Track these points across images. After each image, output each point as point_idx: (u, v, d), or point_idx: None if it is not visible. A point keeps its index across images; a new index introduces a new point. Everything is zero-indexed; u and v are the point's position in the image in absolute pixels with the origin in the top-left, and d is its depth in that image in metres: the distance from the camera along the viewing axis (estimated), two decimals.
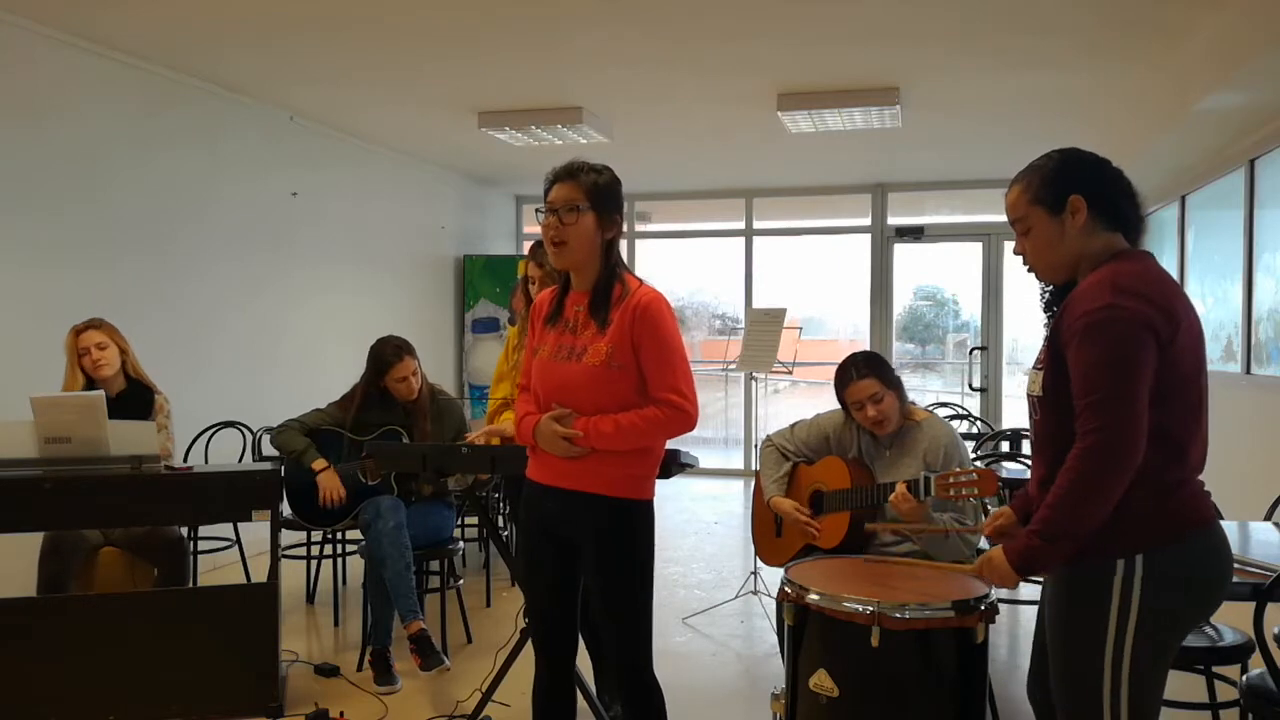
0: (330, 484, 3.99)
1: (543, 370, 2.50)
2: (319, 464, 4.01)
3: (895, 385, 3.19)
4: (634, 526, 2.46)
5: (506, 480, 4.14)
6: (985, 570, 2.08)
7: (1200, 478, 2.03)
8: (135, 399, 3.98)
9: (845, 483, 3.21)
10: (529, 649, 2.74)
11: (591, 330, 2.45)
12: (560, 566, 2.54)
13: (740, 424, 9.91)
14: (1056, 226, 2.06)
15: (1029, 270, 2.16)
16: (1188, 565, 1.94)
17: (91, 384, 3.92)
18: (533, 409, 2.53)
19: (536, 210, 2.52)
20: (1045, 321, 2.20)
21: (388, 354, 4.11)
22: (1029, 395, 2.12)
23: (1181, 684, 3.13)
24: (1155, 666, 1.96)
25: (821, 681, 2.39)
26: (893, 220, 9.41)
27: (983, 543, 3.30)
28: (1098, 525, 1.91)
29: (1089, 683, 1.95)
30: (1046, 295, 2.19)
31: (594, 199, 2.45)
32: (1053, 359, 2.01)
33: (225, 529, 5.14)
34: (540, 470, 2.53)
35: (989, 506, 3.43)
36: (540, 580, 2.57)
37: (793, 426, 3.48)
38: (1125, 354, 1.88)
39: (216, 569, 5.38)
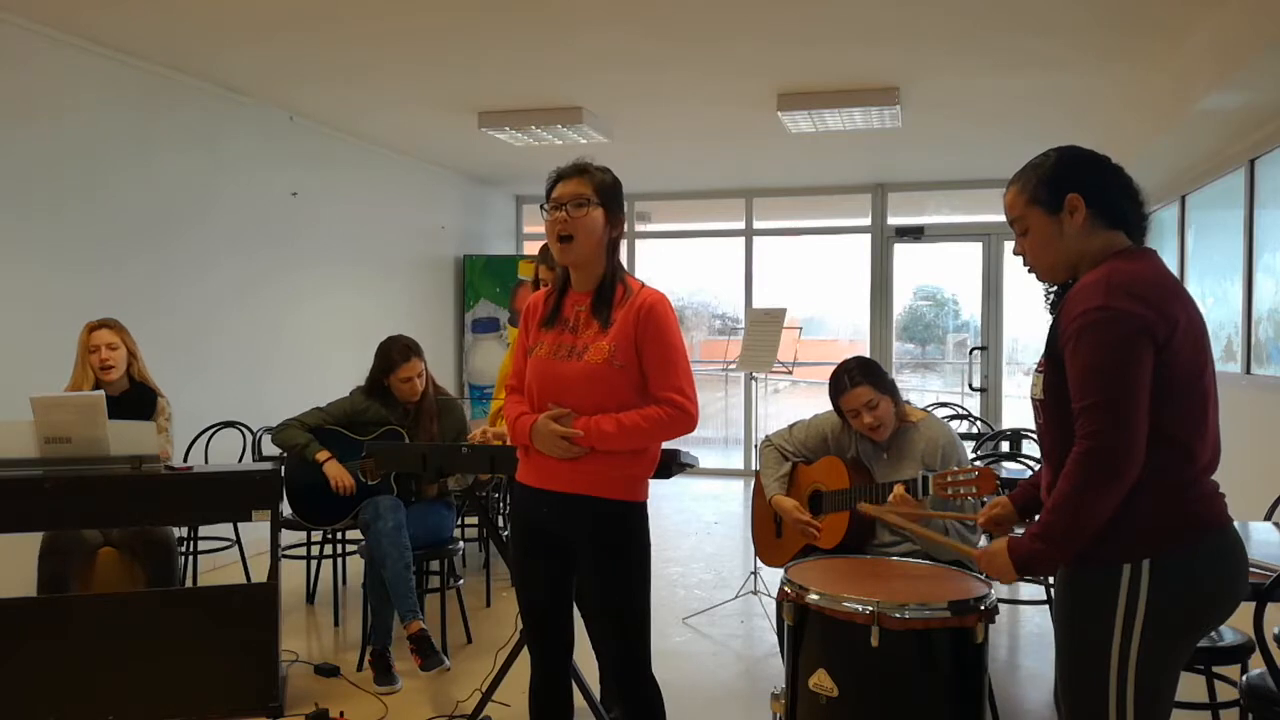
0: (338, 473, 4.00)
1: (540, 369, 2.47)
2: (323, 455, 4.02)
3: (890, 390, 3.18)
4: (630, 529, 2.45)
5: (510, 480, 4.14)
6: (986, 560, 2.06)
7: (1214, 478, 1.99)
8: (138, 400, 3.98)
9: (844, 483, 3.21)
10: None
11: (593, 329, 2.43)
12: (554, 567, 2.53)
13: (740, 424, 9.91)
14: (1055, 226, 2.04)
15: (1029, 271, 2.14)
16: (1197, 569, 1.91)
17: (96, 383, 3.92)
18: (526, 410, 2.50)
19: (541, 207, 2.50)
20: (1050, 322, 2.19)
21: (395, 353, 4.11)
22: (1032, 399, 2.10)
23: (1181, 684, 3.13)
24: (1163, 672, 1.92)
25: (821, 681, 2.39)
26: (893, 220, 9.41)
27: (981, 542, 3.30)
28: (1098, 528, 1.89)
29: (1095, 688, 1.93)
30: (1051, 295, 2.17)
31: (603, 196, 2.44)
32: (1051, 361, 1.99)
33: (225, 529, 5.14)
34: (532, 473, 2.50)
35: None
36: (534, 582, 2.56)
37: (791, 427, 3.48)
38: (1119, 356, 1.86)
39: (216, 569, 5.38)
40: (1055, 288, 2.14)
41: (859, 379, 3.15)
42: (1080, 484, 1.88)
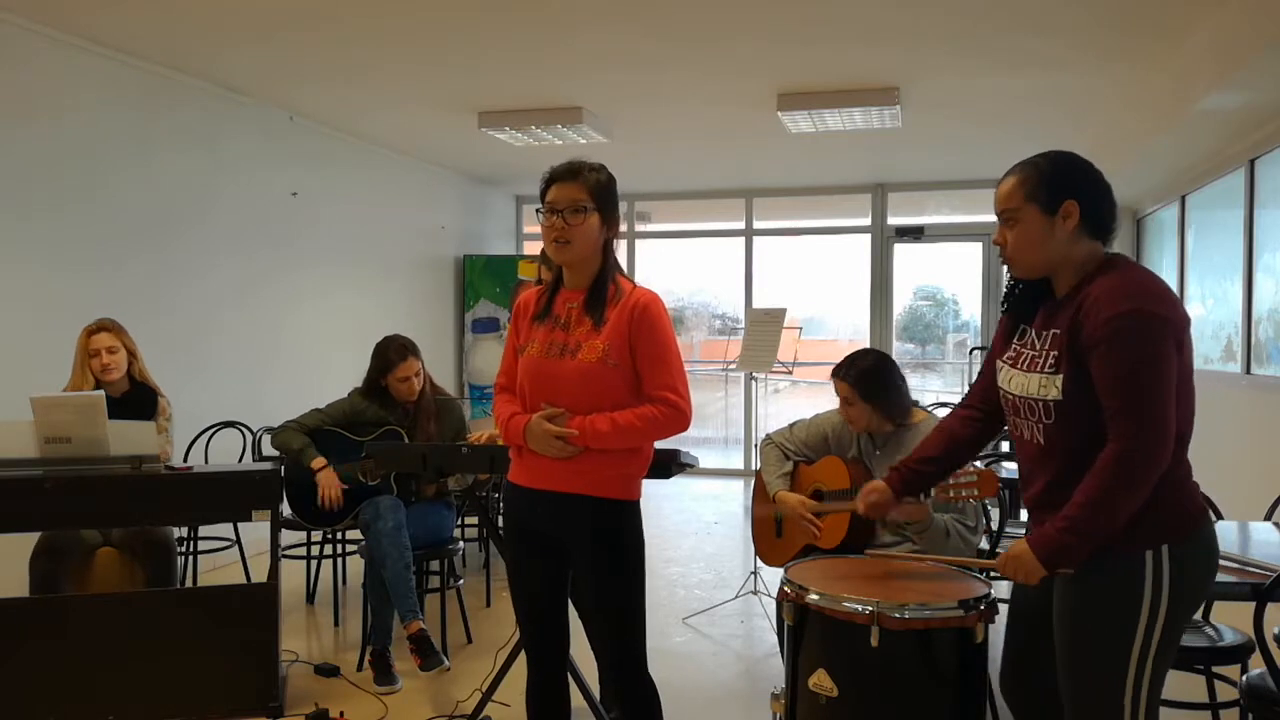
0: (328, 483, 4.00)
1: (532, 367, 2.46)
2: (318, 462, 4.02)
3: (874, 398, 3.17)
4: (624, 528, 2.45)
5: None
6: (1011, 564, 2.08)
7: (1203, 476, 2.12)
8: (139, 401, 3.98)
9: (845, 483, 3.21)
10: None
11: (586, 327, 2.43)
12: (548, 568, 2.53)
13: (740, 424, 9.90)
14: (1046, 227, 2.08)
15: (1004, 261, 2.20)
16: (1199, 553, 2.01)
17: (97, 384, 3.92)
18: (518, 409, 2.50)
19: (537, 210, 2.50)
20: (1003, 311, 2.25)
21: (392, 353, 4.11)
22: (1039, 398, 2.09)
23: (1181, 684, 3.13)
24: (1167, 662, 2.02)
25: (821, 681, 2.39)
26: (893, 220, 9.41)
27: (983, 543, 3.30)
28: (1124, 523, 1.95)
29: (1112, 677, 1.99)
30: (1007, 288, 2.25)
31: (598, 198, 2.44)
32: (1073, 364, 2.02)
33: (225, 529, 5.14)
34: (525, 473, 2.49)
35: (990, 507, 3.43)
36: (529, 583, 2.55)
37: (791, 426, 3.48)
38: (1152, 358, 1.92)
39: (216, 569, 5.38)
40: (1018, 285, 2.19)
41: (846, 374, 3.21)
42: (1115, 483, 1.94)
